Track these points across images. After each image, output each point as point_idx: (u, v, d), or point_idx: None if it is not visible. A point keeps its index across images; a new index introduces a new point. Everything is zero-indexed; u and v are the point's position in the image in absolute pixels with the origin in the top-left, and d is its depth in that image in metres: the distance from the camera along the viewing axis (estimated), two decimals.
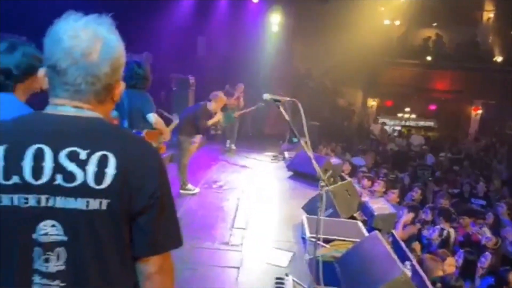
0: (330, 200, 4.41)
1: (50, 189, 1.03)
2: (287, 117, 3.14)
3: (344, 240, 3.74)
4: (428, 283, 3.30)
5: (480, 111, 17.16)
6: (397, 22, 15.87)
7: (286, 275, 3.35)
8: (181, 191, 5.54)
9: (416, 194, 6.47)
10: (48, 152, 1.03)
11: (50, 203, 1.03)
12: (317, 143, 10.85)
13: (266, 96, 3.21)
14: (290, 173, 7.28)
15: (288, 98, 3.32)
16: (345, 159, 8.69)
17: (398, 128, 16.92)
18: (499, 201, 7.42)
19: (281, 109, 3.15)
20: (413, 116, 17.82)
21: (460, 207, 6.83)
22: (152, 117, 3.90)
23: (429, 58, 16.35)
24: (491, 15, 16.76)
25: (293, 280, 3.24)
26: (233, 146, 8.88)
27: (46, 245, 1.04)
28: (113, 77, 1.11)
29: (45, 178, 1.03)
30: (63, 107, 1.08)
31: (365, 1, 13.14)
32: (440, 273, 3.89)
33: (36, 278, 1.05)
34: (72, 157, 1.04)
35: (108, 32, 1.11)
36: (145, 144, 1.16)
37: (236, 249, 3.97)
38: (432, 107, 17.62)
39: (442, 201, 6.54)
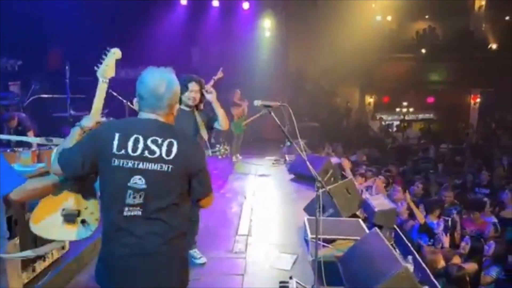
0: (330, 200, 4.44)
1: (141, 158, 1.86)
2: (278, 122, 3.19)
3: (345, 239, 3.76)
4: (431, 275, 3.32)
5: (479, 100, 17.12)
6: (389, 18, 15.89)
7: (290, 278, 3.38)
8: None
9: (418, 188, 6.45)
10: (141, 139, 1.88)
11: (139, 166, 1.86)
12: (318, 144, 10.89)
13: (257, 102, 3.25)
14: (292, 176, 7.32)
15: (279, 103, 3.36)
16: (345, 157, 8.69)
17: (397, 123, 16.88)
18: (503, 188, 7.36)
19: (272, 114, 3.20)
20: (411, 110, 17.80)
21: (464, 198, 6.81)
22: None
23: (423, 50, 16.34)
24: (483, 2, 16.76)
25: (297, 282, 3.27)
26: (239, 156, 8.85)
27: (135, 189, 1.86)
28: (172, 101, 1.99)
29: (138, 152, 1.87)
30: (148, 115, 1.95)
31: None
32: (442, 264, 3.90)
33: (126, 207, 1.87)
34: (154, 141, 1.89)
35: (169, 75, 1.98)
36: (195, 140, 2.35)
37: (240, 256, 4.01)
38: (430, 99, 17.56)
39: (446, 194, 6.50)
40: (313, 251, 3.49)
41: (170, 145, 1.88)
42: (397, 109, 17.82)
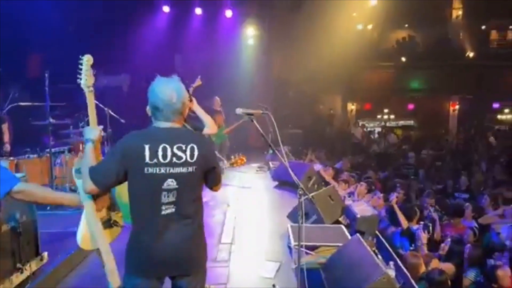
0: (313, 207, 4.47)
1: (171, 164, 2.15)
2: (260, 130, 3.19)
3: (328, 246, 3.78)
4: (412, 281, 3.36)
5: (457, 107, 17.54)
6: (370, 26, 16.17)
7: (273, 286, 3.38)
8: None
9: (399, 194, 6.52)
10: (168, 147, 2.15)
11: (171, 171, 2.15)
12: (301, 151, 10.96)
13: (239, 110, 3.24)
14: (276, 183, 7.32)
15: (261, 111, 3.37)
16: (329, 164, 8.76)
17: (379, 129, 17.11)
18: (482, 193, 7.52)
19: (254, 122, 3.21)
20: (392, 116, 18.12)
21: (444, 203, 6.93)
22: None
23: (403, 59, 16.68)
24: (460, 12, 17.23)
25: None
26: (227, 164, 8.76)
27: (168, 190, 2.16)
28: (184, 108, 2.26)
29: (167, 159, 2.14)
30: (165, 123, 2.22)
31: (337, 8, 13.38)
32: (423, 269, 3.95)
33: (163, 206, 2.16)
34: (179, 148, 2.17)
35: (177, 85, 2.23)
36: (209, 140, 2.88)
37: (223, 265, 3.97)
38: (410, 106, 17.93)
39: (428, 200, 6.59)
40: (296, 259, 3.49)
41: (192, 149, 2.19)
42: (379, 116, 18.13)
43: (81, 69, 2.48)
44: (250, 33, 12.95)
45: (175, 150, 2.16)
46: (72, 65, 2.61)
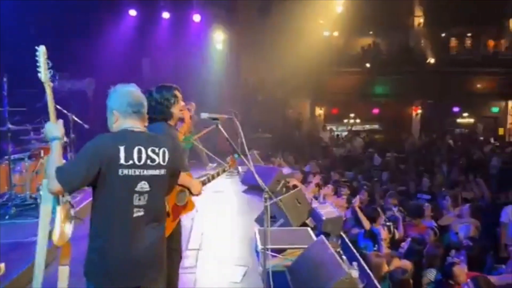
0: (280, 210, 4.53)
1: (145, 166, 2.17)
2: (226, 135, 3.22)
3: (294, 248, 3.84)
4: (375, 280, 3.46)
5: (420, 111, 18.20)
6: (336, 33, 16.56)
7: None
8: None
9: (363, 196, 6.70)
10: (143, 149, 2.17)
11: (144, 173, 2.16)
12: (270, 155, 11.03)
13: (204, 115, 3.25)
14: (245, 187, 7.34)
15: (226, 116, 3.40)
16: (297, 168, 8.87)
17: (345, 133, 17.49)
18: (443, 193, 7.80)
19: (220, 127, 3.22)
20: (358, 121, 18.61)
21: (407, 204, 7.17)
22: None
23: (368, 65, 17.15)
24: (421, 20, 17.93)
25: None
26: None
27: (140, 193, 2.16)
28: None
29: (142, 161, 2.16)
30: (136, 125, 2.25)
31: (304, 15, 13.64)
32: (386, 268, 4.08)
33: (135, 208, 2.14)
34: (153, 151, 2.21)
35: (138, 89, 2.33)
36: (179, 145, 2.88)
37: (190, 272, 3.94)
38: (375, 111, 18.45)
39: (391, 201, 6.79)
40: (262, 262, 3.52)
41: (163, 153, 2.24)
42: (345, 120, 18.56)
43: (39, 62, 2.39)
44: (218, 38, 12.97)
45: (149, 153, 2.18)
46: (32, 69, 2.52)
